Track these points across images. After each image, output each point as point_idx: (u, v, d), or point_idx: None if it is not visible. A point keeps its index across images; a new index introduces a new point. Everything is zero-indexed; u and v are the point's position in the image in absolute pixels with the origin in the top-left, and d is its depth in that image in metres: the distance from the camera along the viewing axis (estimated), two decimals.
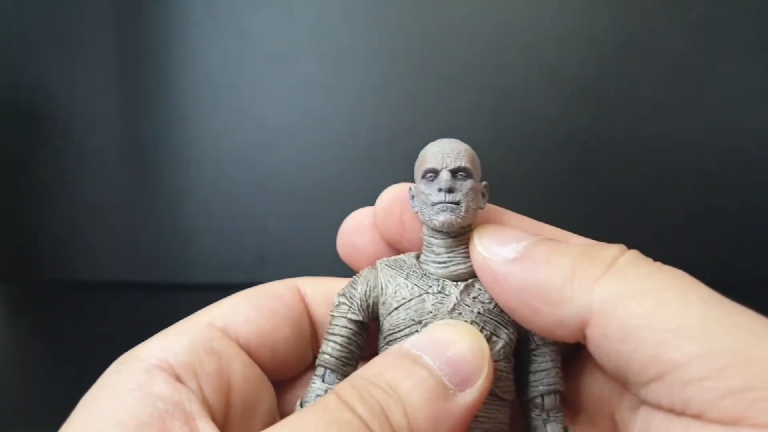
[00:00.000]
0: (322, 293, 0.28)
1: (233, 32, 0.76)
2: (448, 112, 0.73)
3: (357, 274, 0.26)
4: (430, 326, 0.24)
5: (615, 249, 0.21)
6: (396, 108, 0.74)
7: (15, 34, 0.77)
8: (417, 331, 0.24)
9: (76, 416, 0.22)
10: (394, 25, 0.75)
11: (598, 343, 0.20)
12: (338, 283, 0.27)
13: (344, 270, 0.29)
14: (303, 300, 0.28)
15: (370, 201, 0.28)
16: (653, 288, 0.19)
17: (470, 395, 0.21)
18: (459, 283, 0.25)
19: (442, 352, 0.22)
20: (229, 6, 0.75)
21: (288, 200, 0.76)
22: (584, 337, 0.21)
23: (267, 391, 0.27)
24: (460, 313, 0.24)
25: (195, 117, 0.78)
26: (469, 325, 0.24)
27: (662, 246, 0.27)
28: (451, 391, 0.21)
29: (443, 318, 0.24)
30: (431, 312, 0.24)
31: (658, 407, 0.19)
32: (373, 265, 0.26)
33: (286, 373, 0.28)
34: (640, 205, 0.76)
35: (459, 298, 0.24)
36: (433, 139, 0.27)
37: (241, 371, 0.25)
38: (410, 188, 0.26)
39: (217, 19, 0.76)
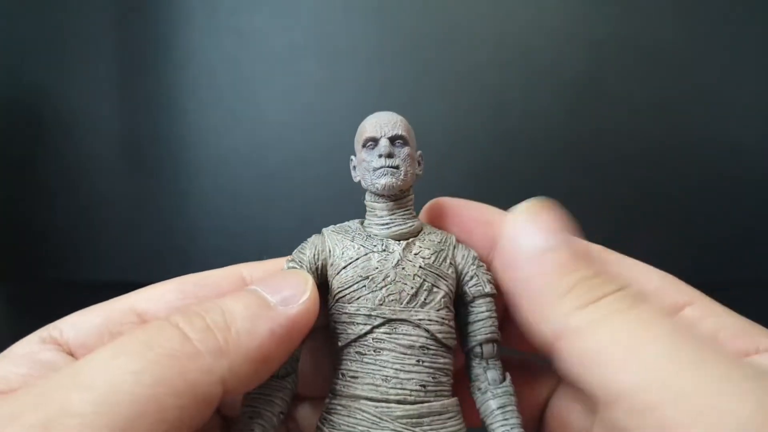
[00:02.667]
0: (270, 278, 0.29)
1: (233, 32, 0.76)
2: (448, 112, 0.73)
3: (305, 241, 0.28)
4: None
5: (616, 284, 0.23)
6: (396, 108, 0.74)
7: (15, 34, 0.77)
8: (364, 286, 0.26)
9: None
10: (394, 25, 0.75)
11: (561, 362, 0.22)
12: (280, 265, 0.28)
13: None
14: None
15: None
16: (619, 323, 0.21)
17: (292, 309, 0.24)
18: (401, 241, 0.27)
19: (267, 281, 0.25)
20: (229, 6, 0.75)
21: (288, 200, 0.76)
22: (550, 354, 0.23)
23: None
24: (403, 268, 0.26)
25: (195, 117, 0.78)
26: (295, 266, 0.27)
27: (662, 246, 0.27)
28: (273, 304, 0.24)
29: (388, 273, 0.26)
30: (377, 268, 0.26)
31: (611, 430, 0.21)
32: (319, 232, 0.28)
33: None
34: (639, 206, 0.76)
35: (402, 254, 0.26)
36: (433, 139, 0.28)
37: None
38: (351, 159, 0.29)
39: (217, 19, 0.76)
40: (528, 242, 0.24)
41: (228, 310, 0.23)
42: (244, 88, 0.77)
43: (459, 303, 0.28)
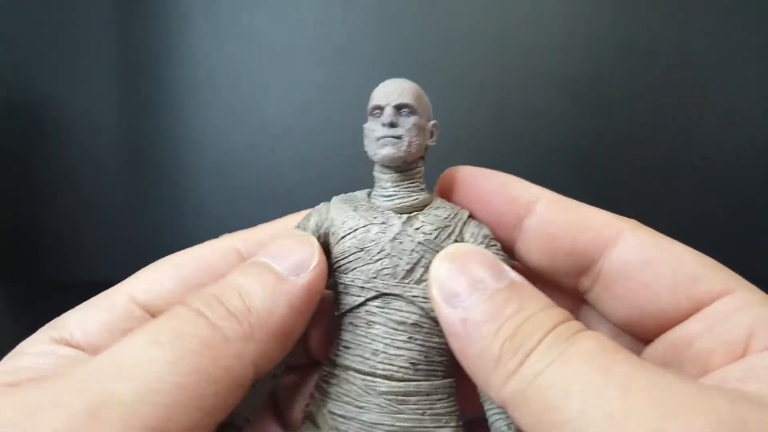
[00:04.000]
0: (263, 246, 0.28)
1: (233, 32, 0.76)
2: (448, 112, 0.73)
3: (313, 209, 0.28)
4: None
5: (543, 330, 0.21)
6: None
7: (15, 35, 0.77)
8: (360, 257, 0.25)
9: None
10: (395, 25, 0.75)
11: (521, 428, 0.21)
12: (273, 229, 0.28)
13: None
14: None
15: None
16: (549, 380, 0.20)
17: (305, 277, 0.24)
18: (403, 215, 0.26)
19: (273, 250, 0.25)
20: (229, 6, 0.75)
21: (288, 200, 0.76)
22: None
23: None
24: (401, 242, 0.25)
25: (195, 117, 0.78)
26: (300, 231, 0.26)
27: None
28: (285, 275, 0.24)
29: (384, 246, 0.25)
30: (373, 240, 0.25)
31: None
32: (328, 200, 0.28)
33: None
34: (639, 206, 0.76)
35: (401, 228, 0.25)
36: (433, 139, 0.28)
37: None
38: (363, 128, 0.28)
39: (217, 19, 0.76)
40: (451, 304, 0.23)
41: (244, 290, 0.23)
42: (244, 88, 0.77)
43: None
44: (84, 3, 0.76)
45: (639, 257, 0.25)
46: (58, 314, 0.27)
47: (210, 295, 0.23)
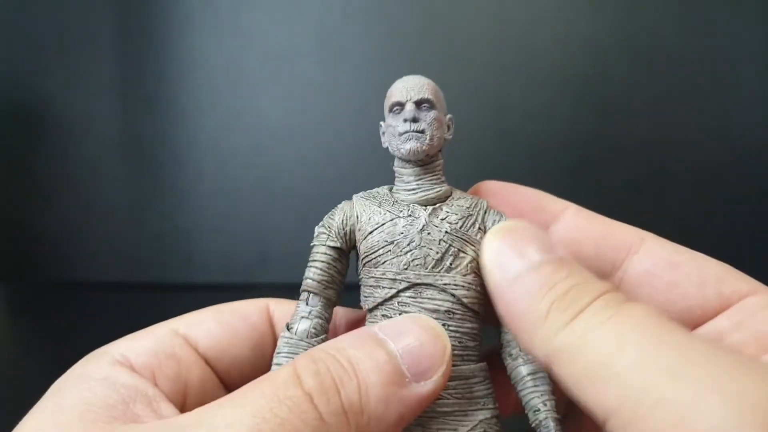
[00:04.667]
0: (291, 315, 0.29)
1: (233, 32, 0.76)
2: (448, 112, 0.73)
3: (335, 207, 0.28)
4: (401, 316, 0.25)
5: (592, 294, 0.22)
6: None
7: (15, 35, 0.77)
8: (390, 251, 0.26)
9: (47, 399, 0.23)
10: (395, 25, 0.75)
11: (559, 383, 0.22)
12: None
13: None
14: (270, 320, 0.29)
15: None
16: (601, 336, 0.20)
17: (425, 387, 0.23)
18: (428, 207, 0.27)
19: (407, 342, 0.23)
20: (229, 6, 0.75)
21: (288, 200, 0.76)
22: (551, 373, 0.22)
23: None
24: (429, 233, 0.26)
25: (195, 117, 0.78)
26: (437, 323, 0.25)
27: None
28: (407, 380, 0.22)
29: (413, 238, 0.26)
30: (402, 233, 0.26)
31: None
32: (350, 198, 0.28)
33: None
34: (639, 206, 0.76)
35: (427, 219, 0.26)
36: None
37: (199, 377, 0.27)
38: (381, 125, 0.29)
39: (217, 19, 0.76)
40: (502, 270, 0.23)
41: (362, 382, 0.21)
42: (244, 88, 0.77)
43: None
44: (84, 3, 0.76)
45: (665, 260, 0.27)
46: (57, 314, 0.27)
47: (328, 374, 0.21)
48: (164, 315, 0.29)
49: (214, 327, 0.28)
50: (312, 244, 0.28)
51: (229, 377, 0.28)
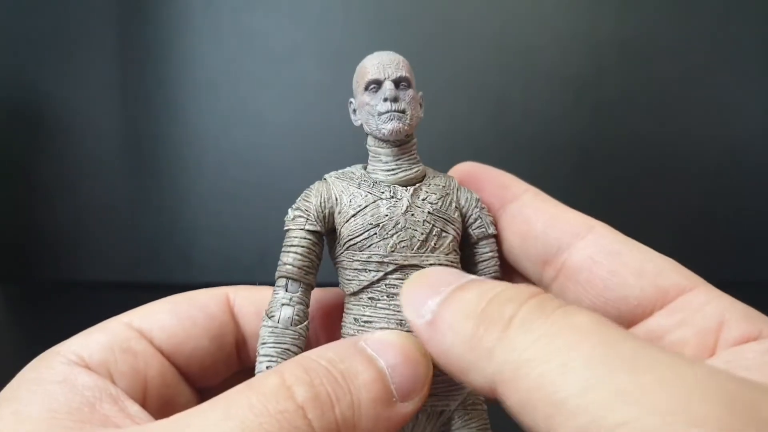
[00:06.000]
0: (252, 303, 0.29)
1: (233, 32, 0.76)
2: (448, 113, 0.73)
3: (308, 188, 0.27)
4: (389, 332, 0.24)
5: (520, 296, 0.20)
6: None
7: (15, 35, 0.77)
8: (375, 233, 0.25)
9: (4, 408, 0.22)
10: (395, 25, 0.75)
11: (508, 409, 0.20)
12: (269, 293, 0.27)
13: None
14: (230, 310, 0.29)
15: None
16: (542, 356, 0.18)
17: (407, 408, 0.22)
18: (408, 187, 0.26)
19: (396, 361, 0.22)
20: (229, 6, 0.75)
21: (288, 200, 0.76)
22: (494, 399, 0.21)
23: (185, 391, 0.28)
24: (412, 214, 0.26)
25: (195, 117, 0.78)
26: (421, 345, 0.24)
27: (662, 246, 0.27)
28: (394, 399, 0.22)
29: (398, 220, 0.26)
30: (387, 215, 0.26)
31: None
32: (321, 179, 0.28)
33: (207, 380, 0.29)
34: (639, 206, 0.76)
35: (410, 200, 0.26)
36: (433, 138, 0.28)
37: (158, 371, 0.26)
38: (350, 101, 0.28)
39: (217, 19, 0.76)
40: (418, 315, 0.22)
41: (356, 398, 0.21)
42: (244, 88, 0.77)
43: (463, 244, 0.28)
44: (84, 3, 0.76)
45: (608, 248, 0.27)
46: (57, 314, 0.27)
47: (322, 386, 0.21)
48: None
49: (169, 319, 0.27)
50: (287, 228, 0.27)
51: (189, 369, 0.27)
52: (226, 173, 0.78)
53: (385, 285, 0.26)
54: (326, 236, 0.27)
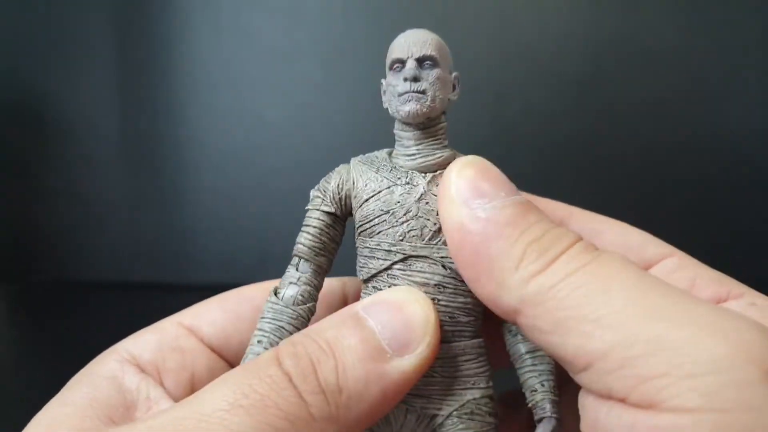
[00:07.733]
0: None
1: (233, 32, 0.76)
2: (447, 112, 0.73)
3: (332, 171, 0.27)
4: (386, 290, 0.24)
5: (567, 240, 0.21)
6: None
7: (15, 35, 0.77)
8: (385, 220, 0.24)
9: (60, 393, 0.24)
10: (395, 25, 0.75)
11: (529, 333, 0.21)
12: None
13: (341, 273, 0.29)
14: None
15: None
16: (583, 280, 0.20)
17: (407, 361, 0.22)
18: (427, 174, 0.25)
19: (386, 316, 0.22)
20: (229, 6, 0.76)
21: (288, 200, 0.76)
22: (516, 323, 0.22)
23: None
24: (427, 202, 0.24)
25: (195, 117, 0.78)
26: (419, 293, 0.24)
27: None
28: (389, 355, 0.22)
29: (410, 207, 0.24)
30: (399, 202, 0.24)
31: (590, 391, 0.20)
32: (347, 162, 0.27)
33: None
34: (639, 206, 0.76)
35: (426, 188, 0.25)
36: None
37: (207, 366, 0.27)
38: (381, 82, 0.27)
39: (217, 19, 0.76)
40: (468, 207, 0.22)
41: (340, 362, 0.21)
42: (243, 88, 0.77)
43: None
44: (84, 3, 0.76)
45: (591, 228, 0.28)
46: (57, 314, 0.27)
47: (305, 356, 0.21)
48: (164, 315, 0.29)
49: (218, 314, 0.28)
50: (306, 207, 0.26)
51: (238, 361, 0.28)
52: (226, 173, 0.78)
53: (388, 275, 0.25)
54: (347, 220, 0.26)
